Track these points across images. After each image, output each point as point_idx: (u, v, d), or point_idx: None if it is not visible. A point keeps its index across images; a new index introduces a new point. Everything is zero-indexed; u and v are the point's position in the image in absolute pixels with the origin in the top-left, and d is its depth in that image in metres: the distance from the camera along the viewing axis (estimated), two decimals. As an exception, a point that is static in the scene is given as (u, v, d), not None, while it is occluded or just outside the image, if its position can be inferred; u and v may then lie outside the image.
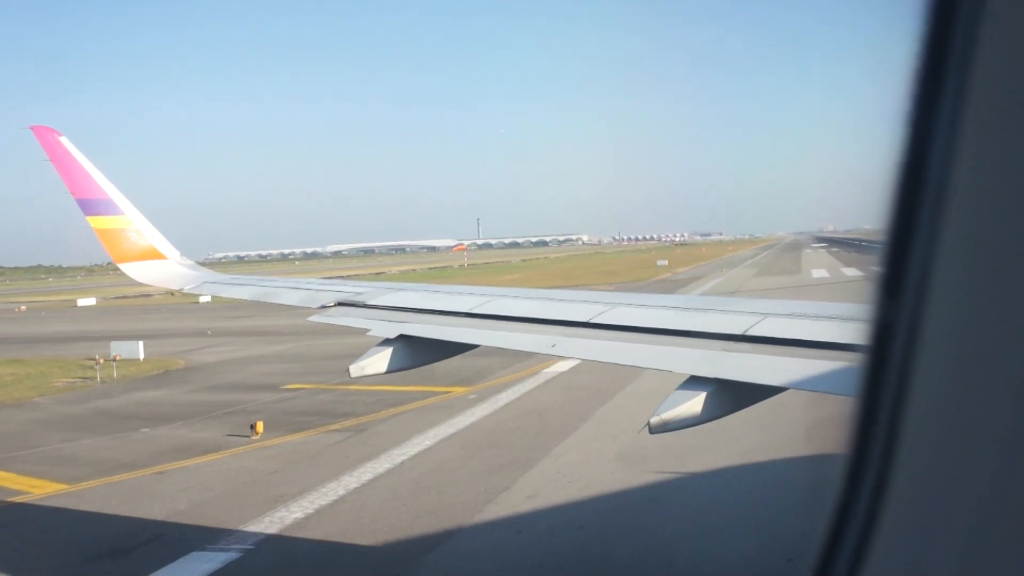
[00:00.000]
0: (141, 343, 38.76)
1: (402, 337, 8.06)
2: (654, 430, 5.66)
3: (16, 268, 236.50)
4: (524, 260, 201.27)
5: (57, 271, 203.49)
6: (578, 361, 31.40)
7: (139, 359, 37.73)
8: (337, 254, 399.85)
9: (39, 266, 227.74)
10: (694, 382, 5.76)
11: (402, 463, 17.84)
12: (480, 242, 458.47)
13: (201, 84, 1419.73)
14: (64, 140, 11.64)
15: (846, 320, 5.78)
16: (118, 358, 33.57)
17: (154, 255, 12.32)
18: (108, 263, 12.97)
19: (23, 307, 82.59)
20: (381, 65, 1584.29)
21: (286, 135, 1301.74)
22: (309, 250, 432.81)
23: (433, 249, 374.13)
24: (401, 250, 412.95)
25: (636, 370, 24.73)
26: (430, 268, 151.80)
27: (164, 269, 12.35)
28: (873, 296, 1.68)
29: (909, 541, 1.68)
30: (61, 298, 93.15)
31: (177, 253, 12.75)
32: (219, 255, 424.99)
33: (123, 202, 12.08)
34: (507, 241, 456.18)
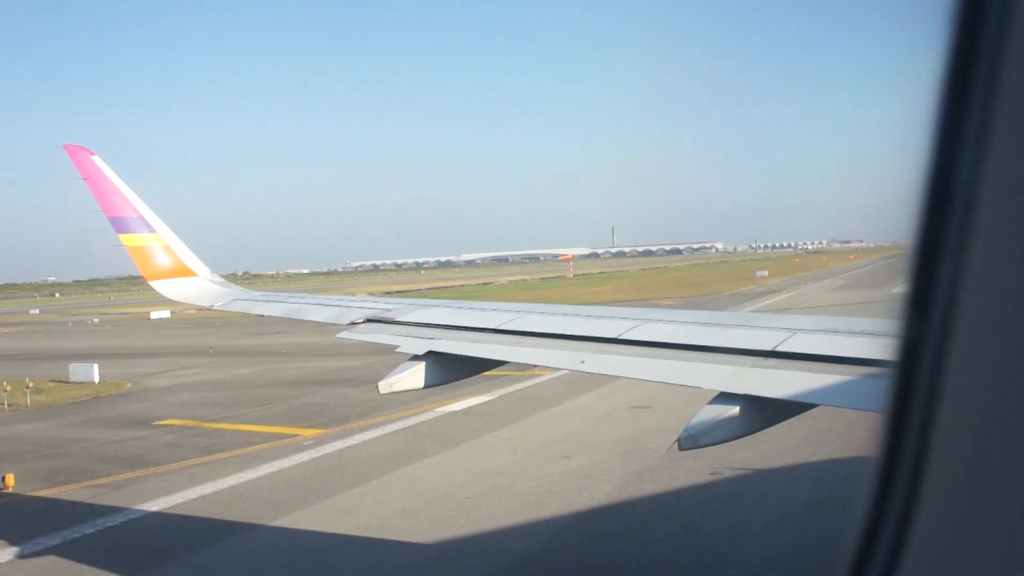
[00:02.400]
0: (96, 366, 37.81)
1: (431, 354, 7.91)
2: (683, 446, 5.58)
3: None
4: (642, 269, 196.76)
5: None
6: (486, 400, 27.77)
7: (94, 382, 36.83)
8: (471, 263, 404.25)
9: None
10: (724, 398, 5.63)
11: (75, 539, 14.99)
12: (614, 250, 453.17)
13: (342, 99, 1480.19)
14: (96, 159, 11.54)
15: (877, 336, 5.61)
16: (31, 384, 32.48)
17: (184, 272, 12.18)
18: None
19: (96, 319, 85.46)
20: (518, 78, 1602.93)
21: (431, 148, 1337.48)
22: (443, 259, 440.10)
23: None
24: (535, 259, 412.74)
25: (517, 417, 20.59)
26: (541, 279, 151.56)
27: (194, 286, 12.20)
28: (902, 312, 1.66)
29: (941, 554, 1.65)
30: (141, 310, 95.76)
31: (207, 270, 12.49)
32: (355, 264, 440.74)
33: (154, 220, 11.91)
34: (640, 249, 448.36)
